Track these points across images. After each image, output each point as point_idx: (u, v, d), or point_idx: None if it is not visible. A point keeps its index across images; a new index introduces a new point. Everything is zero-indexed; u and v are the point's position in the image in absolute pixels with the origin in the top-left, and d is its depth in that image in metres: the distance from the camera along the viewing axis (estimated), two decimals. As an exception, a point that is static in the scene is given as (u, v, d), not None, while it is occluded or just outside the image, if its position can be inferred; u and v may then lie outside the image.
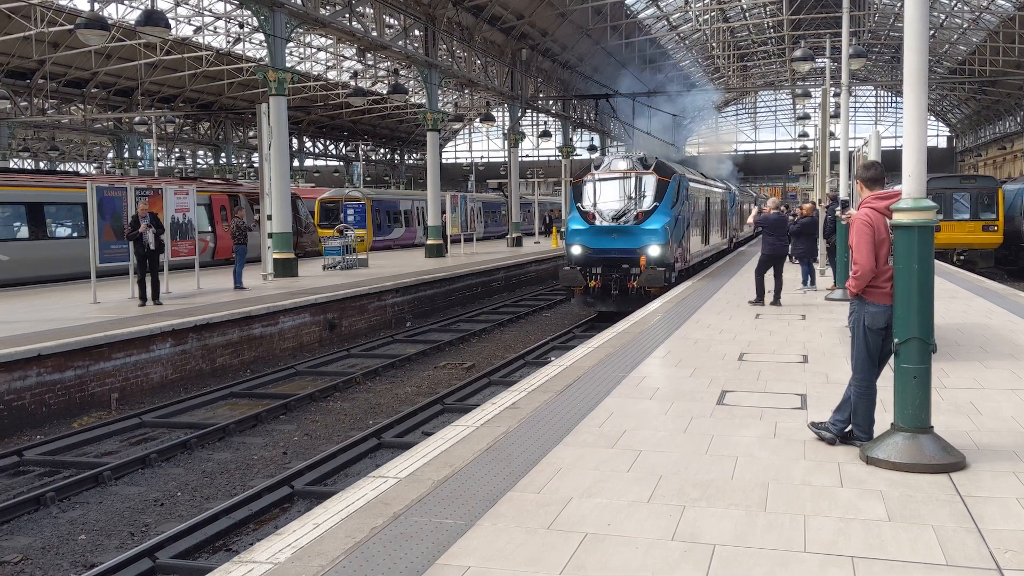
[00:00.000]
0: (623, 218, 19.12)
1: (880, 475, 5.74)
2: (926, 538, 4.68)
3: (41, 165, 53.95)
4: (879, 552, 4.50)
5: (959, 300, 15.90)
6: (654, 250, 18.68)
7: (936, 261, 6.42)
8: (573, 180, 20.87)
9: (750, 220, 17.93)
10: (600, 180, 19.79)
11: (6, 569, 7.30)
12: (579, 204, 19.71)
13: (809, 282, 18.54)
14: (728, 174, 48.35)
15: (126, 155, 48.03)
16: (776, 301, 15.45)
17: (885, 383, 6.39)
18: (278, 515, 8.39)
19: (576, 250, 19.35)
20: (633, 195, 19.39)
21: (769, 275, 15.82)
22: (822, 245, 21.57)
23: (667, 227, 18.87)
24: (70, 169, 55.51)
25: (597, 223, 19.24)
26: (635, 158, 20.51)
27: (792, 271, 18.83)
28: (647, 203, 19.20)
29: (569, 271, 19.35)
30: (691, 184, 22.33)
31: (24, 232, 22.11)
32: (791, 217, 19.26)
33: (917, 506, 5.16)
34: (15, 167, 43.23)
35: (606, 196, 19.55)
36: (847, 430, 6.49)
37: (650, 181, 19.45)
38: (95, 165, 60.15)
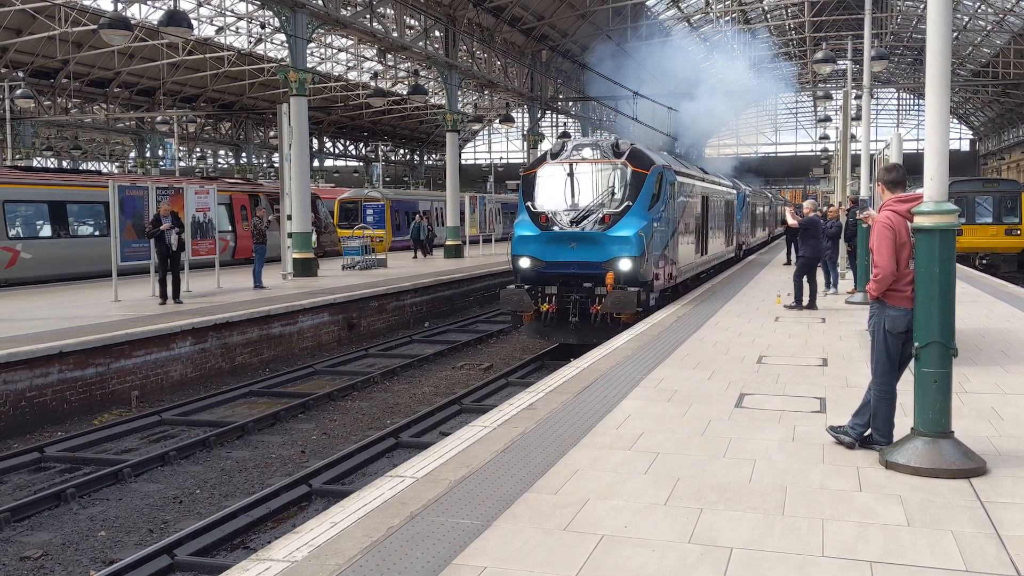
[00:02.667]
0: (585, 222, 14.86)
1: (899, 480, 5.70)
2: (945, 544, 4.64)
3: (64, 164, 54.40)
4: (898, 557, 4.47)
5: (981, 304, 15.77)
6: (624, 264, 14.45)
7: (958, 265, 6.37)
8: (524, 171, 16.22)
9: (793, 222, 16.09)
10: (557, 171, 15.56)
11: (27, 564, 7.37)
12: (529, 203, 15.47)
13: (826, 285, 18.44)
14: (729, 172, 43.10)
15: (148, 154, 48.39)
16: (812, 304, 15.31)
17: (905, 387, 6.35)
18: (296, 513, 8.43)
19: (524, 263, 15.13)
20: (599, 191, 15.29)
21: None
22: (842, 248, 21.46)
23: (642, 233, 14.58)
24: (92, 168, 55.95)
25: (551, 228, 15.02)
26: (605, 143, 16.08)
27: (779, 272, 18.73)
28: (617, 202, 15.01)
29: (514, 291, 15.02)
30: (681, 179, 17.83)
31: (47, 231, 22.31)
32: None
33: (937, 511, 5.12)
34: (38, 166, 43.61)
35: (564, 192, 15.39)
36: (866, 434, 6.45)
37: (621, 173, 15.21)
38: (117, 164, 60.61)
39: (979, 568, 4.34)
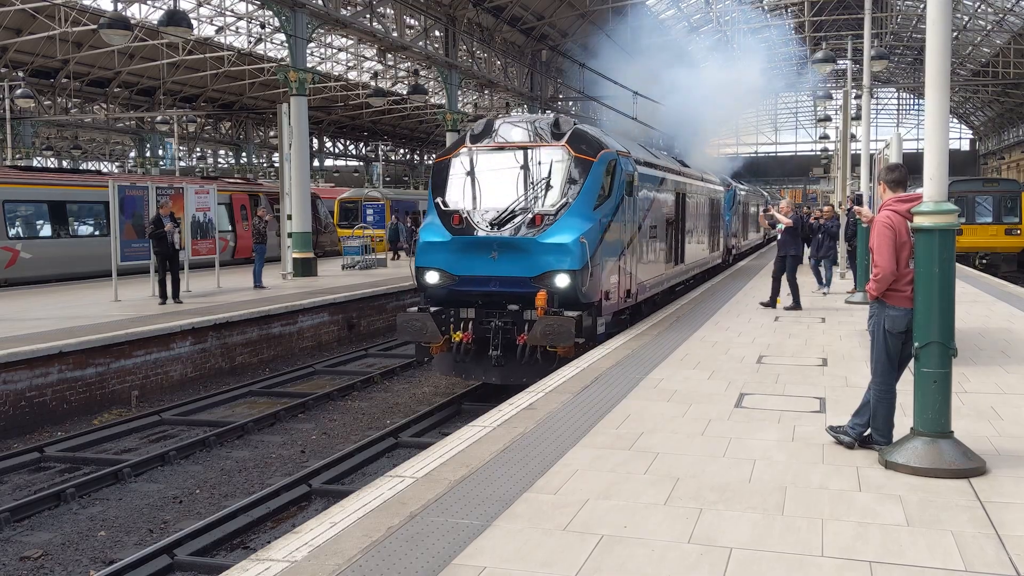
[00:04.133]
0: (510, 224, 11.42)
1: (899, 480, 5.70)
2: (945, 544, 4.65)
3: (64, 164, 54.40)
4: (897, 557, 4.47)
5: (980, 304, 15.76)
6: (561, 280, 11.10)
7: (957, 265, 6.37)
8: (436, 157, 12.99)
9: (788, 222, 15.58)
10: (477, 158, 12.24)
11: (27, 564, 7.38)
12: (440, 200, 12.04)
13: (818, 284, 18.52)
14: (727, 170, 40.02)
15: (148, 154, 48.36)
16: (795, 305, 15.35)
17: (905, 387, 6.35)
18: (295, 513, 8.43)
19: (431, 278, 11.73)
20: (530, 184, 11.83)
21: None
22: (842, 248, 21.51)
23: (585, 240, 11.18)
24: (92, 168, 55.95)
25: (467, 233, 11.56)
26: (544, 121, 12.51)
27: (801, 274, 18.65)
28: (553, 198, 11.58)
29: (415, 317, 11.49)
30: (645, 171, 14.46)
31: (47, 230, 22.31)
32: (812, 219, 19.23)
33: (936, 511, 5.12)
34: (38, 166, 43.61)
35: (484, 185, 12.01)
36: (866, 434, 6.45)
37: (560, 160, 11.84)
38: (117, 164, 60.59)
39: (979, 568, 4.34)
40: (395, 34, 29.12)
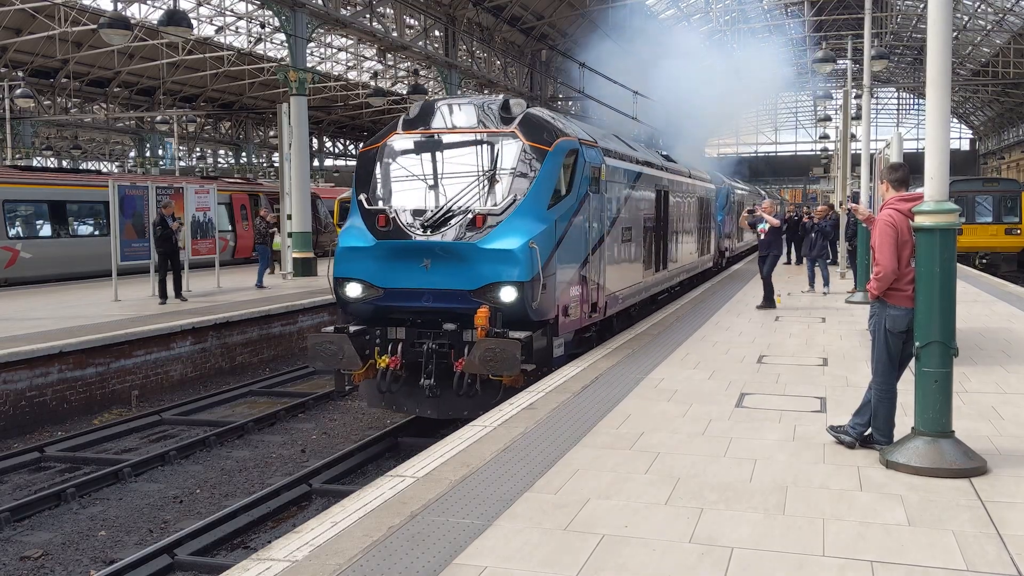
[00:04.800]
0: (447, 227, 9.62)
1: (900, 479, 5.70)
2: (946, 543, 4.64)
3: (64, 163, 54.40)
4: (898, 557, 4.47)
5: (981, 304, 15.76)
6: (507, 293, 9.37)
7: (958, 264, 6.36)
8: (362, 148, 11.14)
9: (776, 222, 15.79)
10: (410, 146, 10.49)
11: (27, 564, 7.37)
12: (364, 196, 10.24)
13: (809, 285, 18.58)
14: (727, 170, 38.10)
15: (148, 154, 48.36)
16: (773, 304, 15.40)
17: (906, 387, 6.35)
18: (296, 513, 8.43)
19: (352, 291, 9.93)
20: (471, 178, 10.04)
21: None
22: (843, 248, 21.53)
23: (535, 245, 9.40)
24: (92, 168, 55.95)
25: (395, 237, 9.75)
26: (492, 104, 10.60)
27: (779, 272, 18.67)
28: (498, 195, 9.78)
29: (328, 339, 9.66)
30: (616, 164, 12.54)
31: (47, 230, 22.31)
32: (805, 218, 19.28)
33: (937, 511, 5.12)
34: (38, 165, 43.61)
35: (416, 180, 10.27)
36: (867, 434, 6.45)
37: (508, 149, 10.07)
38: (117, 164, 60.58)
39: (980, 568, 4.34)
40: (395, 34, 29.13)
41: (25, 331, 12.88)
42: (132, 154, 54.61)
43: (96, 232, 23.10)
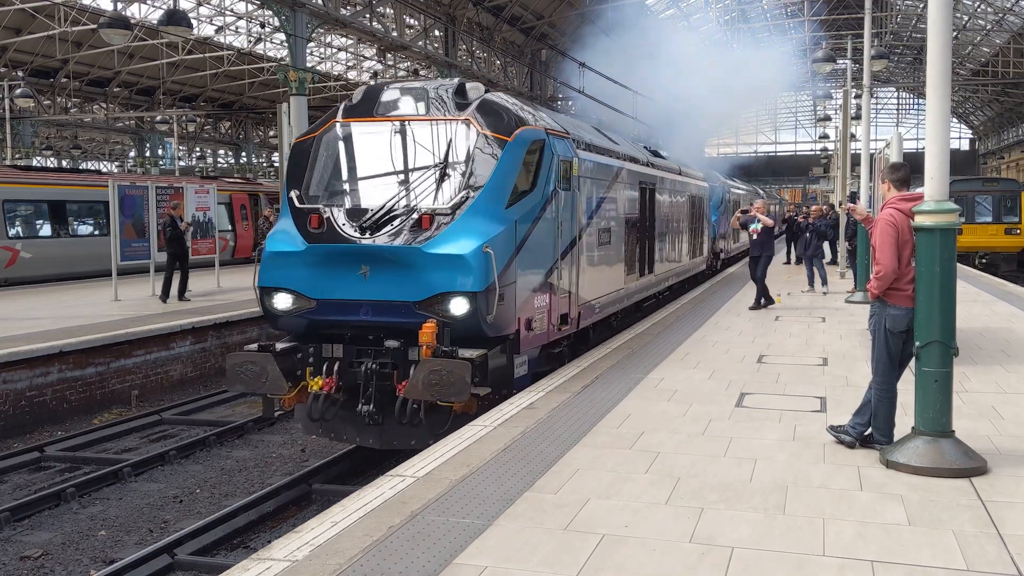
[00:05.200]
0: (387, 228, 8.40)
1: (900, 479, 5.70)
2: (946, 543, 4.64)
3: (64, 163, 54.40)
4: (899, 557, 4.47)
5: (981, 304, 15.77)
6: (457, 305, 8.18)
7: (958, 264, 6.36)
8: (297, 138, 9.87)
9: (769, 221, 15.66)
10: (351, 136, 9.26)
11: (27, 564, 7.37)
12: (296, 193, 8.97)
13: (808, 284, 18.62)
14: (725, 171, 36.75)
15: (147, 154, 48.36)
16: (763, 303, 15.40)
17: (906, 386, 6.35)
18: (296, 513, 8.43)
19: (281, 302, 8.73)
20: (417, 172, 8.86)
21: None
22: (843, 247, 21.54)
23: (489, 250, 8.18)
24: (92, 168, 55.95)
25: (329, 239, 8.50)
26: (446, 87, 9.44)
27: (779, 272, 18.72)
28: (449, 191, 8.59)
29: (250, 358, 8.36)
30: (592, 158, 11.36)
31: (47, 230, 22.32)
32: (800, 218, 19.32)
33: (937, 511, 5.12)
34: (38, 165, 43.61)
35: (355, 174, 9.14)
36: (867, 433, 6.45)
37: (462, 139, 8.89)
38: (117, 164, 60.58)
39: (980, 568, 4.34)
40: (395, 34, 29.13)
41: (25, 331, 12.88)
42: (132, 154, 54.60)
43: (96, 232, 23.10)
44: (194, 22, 31.29)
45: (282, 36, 28.13)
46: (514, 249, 8.61)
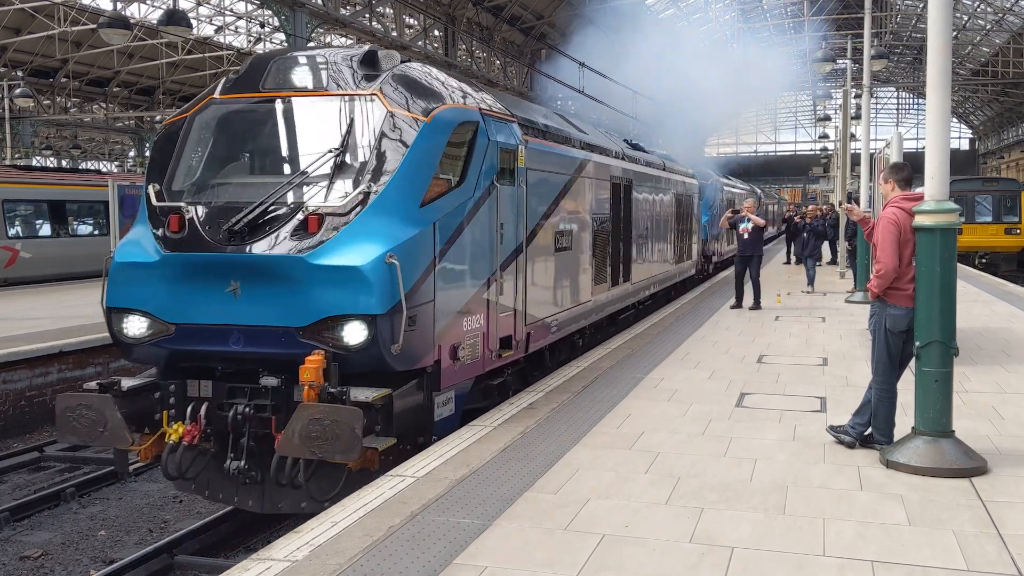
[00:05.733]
0: (264, 232, 6.68)
1: (900, 479, 5.70)
2: (946, 543, 4.64)
3: (63, 163, 54.40)
4: (899, 557, 4.47)
5: (981, 303, 15.76)
6: (353, 332, 6.51)
7: (958, 264, 6.36)
8: (167, 120, 8.03)
9: (762, 221, 15.51)
10: (228, 117, 7.57)
11: (27, 564, 7.37)
12: (154, 189, 7.19)
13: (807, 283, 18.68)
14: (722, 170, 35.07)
15: (147, 153, 48.36)
16: (742, 304, 15.41)
17: (906, 386, 6.35)
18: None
19: (133, 327, 6.98)
20: (305, 161, 7.09)
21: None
22: (842, 247, 21.56)
23: (394, 259, 6.47)
24: (92, 167, 55.95)
25: (190, 247, 6.76)
26: (347, 57, 7.69)
27: (779, 272, 18.71)
28: (344, 185, 6.86)
29: (86, 400, 6.56)
30: (543, 145, 9.66)
31: (46, 230, 22.32)
32: (796, 218, 19.35)
33: (938, 511, 5.12)
34: (38, 165, 43.62)
35: (228, 165, 7.50)
36: (867, 433, 6.45)
37: (366, 118, 7.17)
38: (116, 163, 60.58)
39: (981, 568, 4.34)
40: (394, 33, 29.13)
41: (25, 331, 12.88)
42: (132, 154, 54.62)
43: (96, 232, 23.11)
44: (194, 22, 31.29)
45: (282, 36, 28.13)
46: (432, 258, 6.90)
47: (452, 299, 7.27)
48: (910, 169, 6.61)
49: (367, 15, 27.84)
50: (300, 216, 6.61)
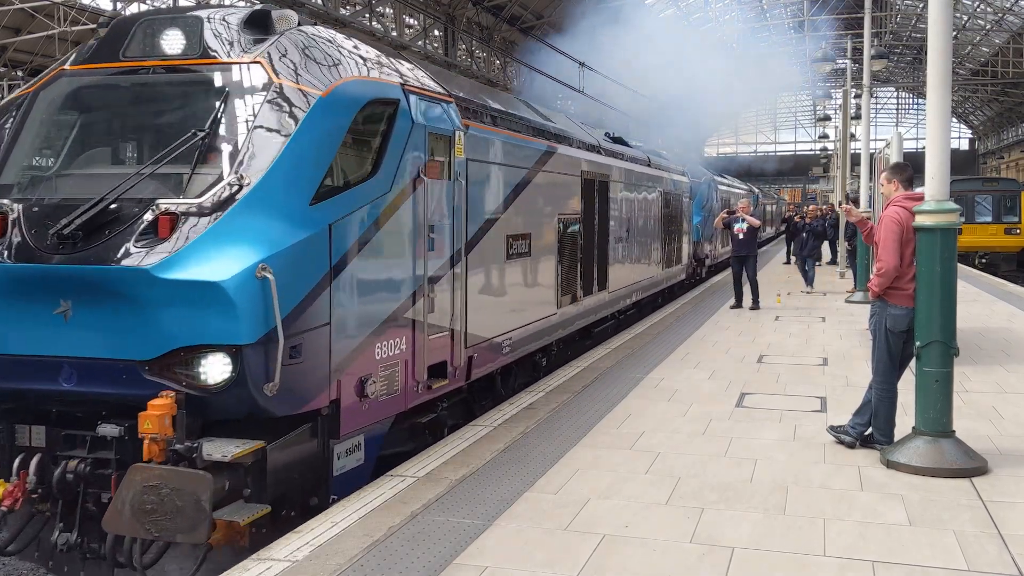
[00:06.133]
0: (100, 236, 5.15)
1: (900, 479, 5.69)
2: (947, 543, 4.64)
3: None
4: (900, 557, 4.46)
5: (981, 303, 15.77)
6: (213, 368, 5.04)
7: (958, 264, 6.36)
8: (4, 101, 6.54)
9: (756, 222, 15.45)
10: (78, 93, 6.07)
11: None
12: None
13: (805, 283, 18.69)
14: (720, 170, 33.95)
15: None
16: (742, 304, 15.39)
17: (906, 386, 6.35)
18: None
19: None
20: (168, 143, 5.47)
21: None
22: (842, 247, 21.58)
23: (272, 270, 5.01)
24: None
25: (12, 255, 5.27)
26: (227, 17, 6.04)
27: (778, 272, 18.71)
28: (208, 176, 5.37)
29: None
30: (488, 134, 8.18)
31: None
32: (796, 218, 19.35)
33: (938, 511, 5.12)
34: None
35: (75, 146, 5.98)
36: (867, 433, 6.45)
37: (246, 90, 5.68)
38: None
39: (981, 568, 4.34)
40: (394, 33, 29.13)
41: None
42: (131, 154, 54.60)
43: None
44: (194, 22, 31.25)
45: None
46: (328, 269, 5.50)
47: (358, 320, 5.86)
48: (911, 169, 6.62)
49: (367, 15, 27.84)
50: (149, 216, 5.16)
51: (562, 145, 10.48)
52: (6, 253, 5.28)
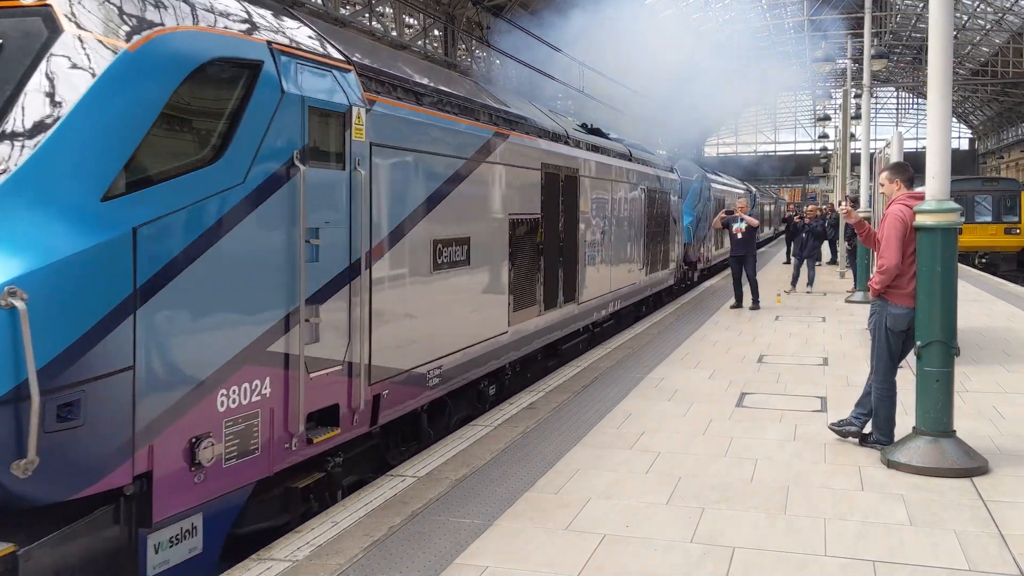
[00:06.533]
0: None
1: (901, 479, 5.69)
2: (948, 543, 4.64)
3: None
4: (900, 557, 4.46)
5: (981, 303, 15.77)
6: None
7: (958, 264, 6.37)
8: None
9: (755, 222, 15.40)
10: None
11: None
12: None
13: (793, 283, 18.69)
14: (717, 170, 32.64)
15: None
16: (742, 304, 15.38)
17: (907, 386, 6.35)
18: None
19: None
20: None
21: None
22: (842, 248, 21.57)
23: (14, 300, 3.51)
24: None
25: None
26: None
27: (778, 272, 18.72)
28: None
29: None
30: (400, 112, 6.48)
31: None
32: (796, 218, 19.35)
33: (939, 511, 5.12)
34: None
35: None
36: (867, 433, 6.45)
37: (25, 43, 4.10)
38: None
39: (982, 567, 4.33)
40: (394, 33, 29.13)
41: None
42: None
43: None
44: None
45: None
46: (130, 291, 4.09)
47: (184, 361, 4.42)
48: (912, 169, 6.63)
49: (367, 15, 27.84)
50: None
51: (515, 132, 8.98)
52: None
